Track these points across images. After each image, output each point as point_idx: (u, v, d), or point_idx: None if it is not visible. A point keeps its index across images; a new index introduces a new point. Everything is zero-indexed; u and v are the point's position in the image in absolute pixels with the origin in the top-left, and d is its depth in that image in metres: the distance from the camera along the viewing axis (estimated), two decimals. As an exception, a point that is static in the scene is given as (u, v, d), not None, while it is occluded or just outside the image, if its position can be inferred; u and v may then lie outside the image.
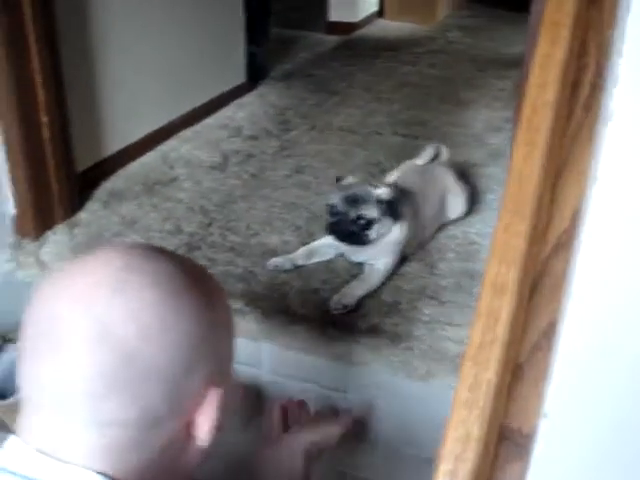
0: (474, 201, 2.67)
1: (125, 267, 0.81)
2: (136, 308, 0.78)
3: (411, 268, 2.28)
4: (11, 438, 0.82)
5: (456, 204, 2.53)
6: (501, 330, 0.85)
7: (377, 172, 2.86)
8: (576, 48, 0.94)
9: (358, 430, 1.50)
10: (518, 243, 0.87)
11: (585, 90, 0.93)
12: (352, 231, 2.15)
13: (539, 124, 0.87)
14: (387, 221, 2.17)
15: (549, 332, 0.89)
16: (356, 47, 4.99)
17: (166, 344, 0.79)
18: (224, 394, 0.87)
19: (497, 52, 4.78)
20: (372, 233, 2.15)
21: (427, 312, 2.08)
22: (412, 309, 2.09)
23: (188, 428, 0.86)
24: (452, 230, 2.49)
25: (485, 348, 0.85)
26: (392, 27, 5.51)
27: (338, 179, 2.28)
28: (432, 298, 2.13)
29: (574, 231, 0.91)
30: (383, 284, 2.19)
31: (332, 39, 5.10)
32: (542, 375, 0.88)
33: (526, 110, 0.89)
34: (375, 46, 4.97)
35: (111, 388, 0.77)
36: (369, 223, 2.14)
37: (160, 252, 0.88)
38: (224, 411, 0.87)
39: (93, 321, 0.77)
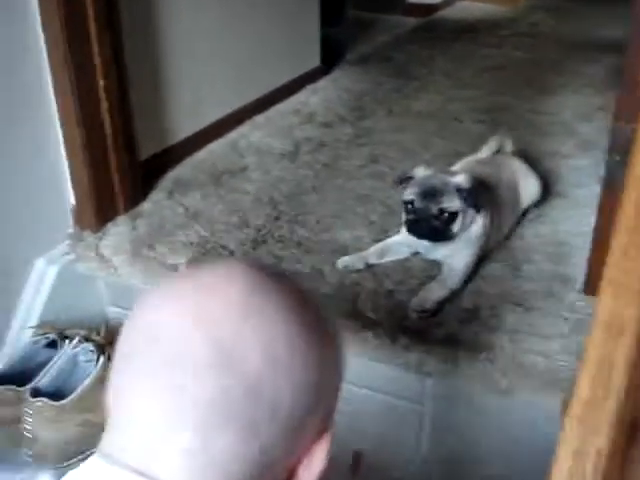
0: (559, 194, 2.47)
1: (255, 291, 0.74)
2: (267, 338, 0.71)
3: (493, 270, 2.10)
4: (94, 458, 0.74)
5: (529, 189, 2.34)
6: (617, 382, 0.68)
7: (456, 162, 2.67)
8: None
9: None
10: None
11: None
12: (434, 227, 1.98)
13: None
14: (470, 212, 1.99)
15: (674, 381, 0.71)
16: (436, 29, 4.78)
17: (295, 380, 0.72)
18: (330, 441, 0.78)
19: (586, 35, 4.51)
20: (456, 226, 1.98)
21: (511, 320, 1.90)
22: (494, 316, 1.91)
23: (291, 476, 0.77)
24: (539, 228, 2.29)
25: (596, 406, 0.68)
26: (473, 9, 5.27)
27: (402, 180, 2.08)
28: (517, 305, 1.95)
29: None
30: (462, 287, 2.01)
31: (411, 21, 4.90)
32: (665, 434, 0.71)
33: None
34: (455, 28, 4.76)
35: (230, 419, 0.69)
36: (453, 216, 1.96)
37: (283, 277, 0.81)
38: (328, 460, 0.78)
39: (218, 346, 0.70)
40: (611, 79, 3.52)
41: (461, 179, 1.98)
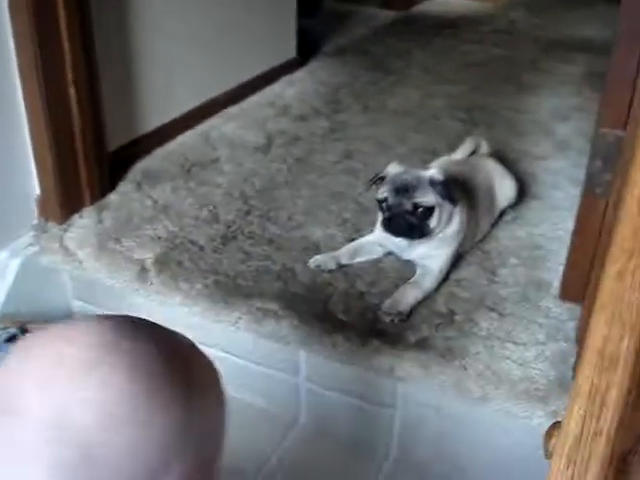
0: (535, 196, 2.44)
1: (101, 346, 0.69)
2: (103, 395, 0.66)
3: (468, 273, 2.05)
4: None
5: (505, 191, 2.30)
6: (609, 418, 0.63)
7: (431, 159, 2.62)
8: None
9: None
10: (637, 297, 0.65)
11: None
12: (410, 223, 1.92)
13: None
14: (447, 206, 1.94)
15: (666, 413, 0.67)
16: (414, 23, 4.72)
17: (135, 441, 0.66)
18: None
19: (565, 34, 4.47)
20: (432, 221, 1.93)
21: (485, 326, 1.86)
22: (468, 321, 1.87)
23: None
24: (515, 230, 2.25)
25: (585, 442, 0.63)
26: (453, 3, 5.22)
27: (374, 180, 2.03)
28: (492, 310, 1.91)
29: None
30: (436, 290, 1.97)
31: (389, 14, 4.84)
32: (654, 470, 0.67)
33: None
34: (434, 23, 4.71)
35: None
36: (428, 211, 1.91)
37: (146, 329, 0.75)
38: None
39: (50, 404, 0.65)
40: (587, 79, 3.49)
41: (434, 172, 1.94)
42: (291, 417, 1.99)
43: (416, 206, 1.91)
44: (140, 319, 0.77)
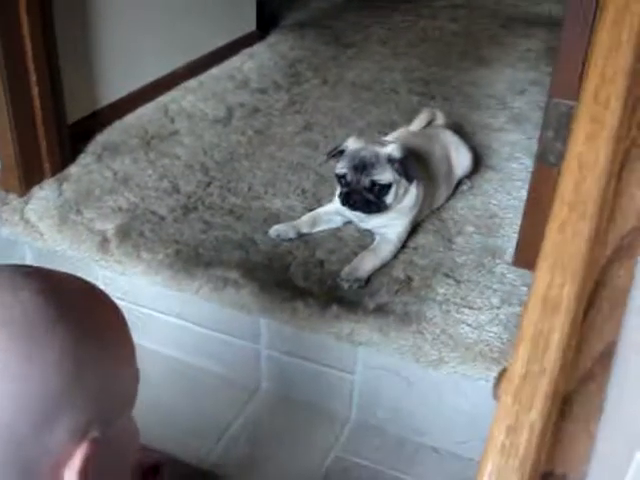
0: (491, 168, 2.49)
1: None
2: None
3: (426, 241, 2.10)
4: None
5: (461, 161, 2.34)
6: (551, 358, 0.67)
7: (389, 132, 2.66)
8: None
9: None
10: (578, 247, 0.69)
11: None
12: (367, 200, 1.97)
13: (608, 96, 0.69)
14: (403, 182, 1.98)
15: (605, 358, 0.71)
16: (373, -2, 4.75)
17: (9, 395, 0.64)
18: (105, 445, 0.70)
19: (523, 9, 4.51)
20: (389, 198, 1.97)
21: (442, 291, 1.90)
22: (425, 287, 1.92)
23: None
24: (471, 200, 2.30)
25: (530, 381, 0.67)
26: (412, -22, 5.25)
27: (333, 153, 2.06)
28: (448, 276, 1.96)
29: (641, 232, 0.72)
30: (395, 257, 2.01)
31: (348, -12, 4.86)
32: (594, 411, 0.71)
33: (592, 79, 0.70)
34: (393, -2, 4.73)
35: None
36: (385, 188, 1.96)
37: (31, 277, 0.72)
38: (107, 462, 0.72)
39: None
40: (545, 54, 3.55)
41: (392, 149, 1.97)
42: (252, 384, 2.03)
43: (374, 183, 1.95)
44: (34, 268, 0.75)
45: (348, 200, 1.99)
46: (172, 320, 2.05)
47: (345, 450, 1.87)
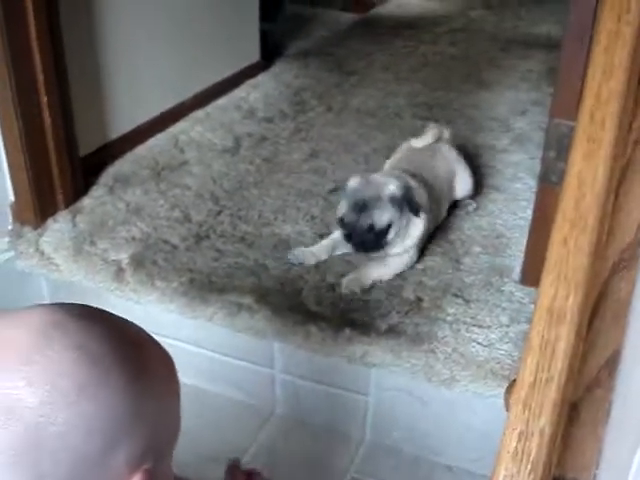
0: (496, 188, 2.52)
1: (49, 324, 0.70)
2: (52, 371, 0.67)
3: (434, 262, 2.13)
4: None
5: (462, 183, 2.38)
6: (558, 367, 0.71)
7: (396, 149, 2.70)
8: (644, 26, 0.78)
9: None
10: (580, 260, 0.73)
11: (654, 76, 0.78)
12: (367, 240, 2.01)
13: (604, 117, 0.72)
14: (404, 218, 2.01)
15: (610, 365, 0.75)
16: (375, 25, 4.81)
17: (83, 416, 0.68)
18: (152, 476, 0.74)
19: (522, 31, 4.58)
20: (389, 236, 2.01)
21: (452, 311, 1.94)
22: (435, 307, 1.95)
23: None
24: (477, 221, 2.34)
25: (539, 389, 0.71)
26: (412, 4, 5.31)
27: (334, 189, 2.09)
28: (457, 296, 1.99)
29: (640, 245, 0.76)
30: (405, 279, 2.05)
31: (349, 17, 4.92)
32: (601, 416, 0.74)
33: (588, 100, 0.74)
34: (394, 24, 4.79)
35: (13, 464, 0.65)
36: (385, 228, 1.99)
37: (96, 313, 0.78)
38: None
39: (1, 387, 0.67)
40: (545, 75, 3.59)
41: (394, 188, 1.98)
42: (268, 408, 2.05)
43: (371, 226, 1.98)
44: (92, 307, 0.79)
45: (349, 241, 2.03)
46: (187, 347, 2.08)
47: (361, 471, 1.89)
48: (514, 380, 0.80)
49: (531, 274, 1.97)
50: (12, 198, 2.26)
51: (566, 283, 0.73)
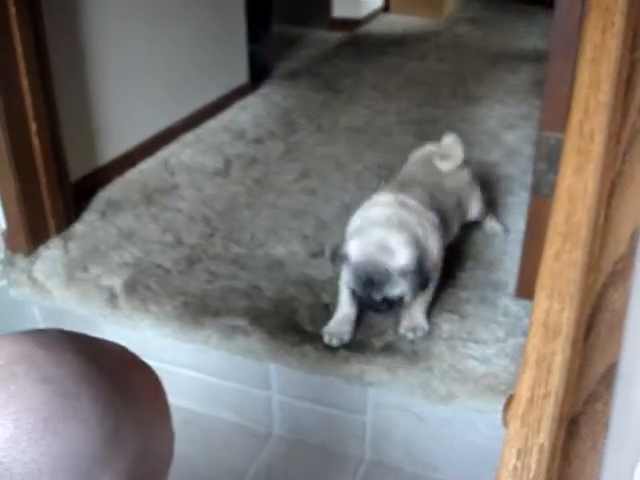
0: (492, 204, 2.52)
1: (13, 357, 0.67)
2: (16, 407, 0.64)
3: (428, 279, 2.13)
4: None
5: (475, 206, 2.29)
6: (555, 382, 0.70)
7: (386, 174, 2.70)
8: (629, 38, 0.79)
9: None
10: (573, 274, 0.72)
11: (640, 88, 0.78)
12: (382, 309, 1.85)
13: (592, 130, 0.72)
14: (416, 287, 1.79)
15: (608, 379, 0.74)
16: (361, 43, 4.83)
17: (50, 454, 0.64)
18: None
19: (509, 46, 4.62)
20: (406, 299, 1.85)
21: (447, 327, 1.93)
22: (431, 325, 1.94)
23: None
24: (471, 236, 2.33)
25: (536, 405, 0.70)
26: (398, 22, 5.35)
27: (334, 255, 1.93)
28: (452, 312, 1.99)
29: (633, 257, 0.76)
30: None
31: (336, 36, 4.95)
32: (600, 429, 0.74)
33: (576, 113, 0.74)
34: (381, 42, 4.82)
35: None
36: (398, 299, 1.83)
37: (70, 339, 0.73)
38: None
39: None
40: (533, 87, 3.61)
41: (403, 262, 1.74)
42: (265, 430, 2.04)
43: (385, 299, 1.80)
44: (67, 332, 0.75)
45: (365, 306, 1.91)
46: (182, 371, 2.07)
47: (361, 490, 1.88)
48: (511, 396, 0.80)
49: (526, 287, 1.96)
50: (3, 226, 2.25)
51: (560, 297, 0.72)
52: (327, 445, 1.98)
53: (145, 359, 0.79)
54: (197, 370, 2.05)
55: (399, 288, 1.76)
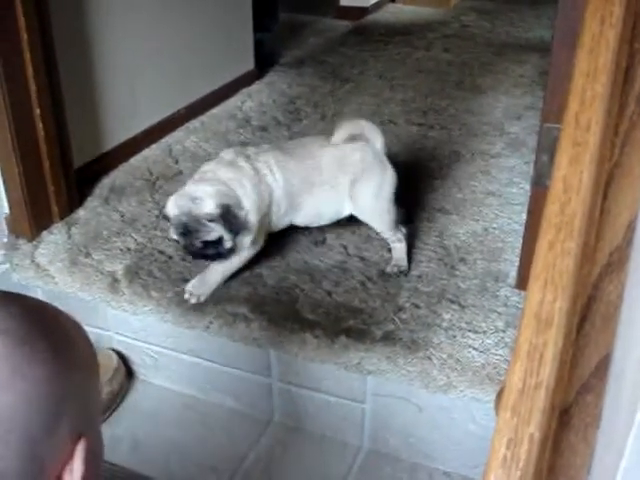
0: (491, 193, 2.52)
1: None
2: None
3: (429, 268, 2.13)
4: None
5: (360, 200, 2.12)
6: (546, 372, 0.70)
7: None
8: (628, 29, 0.79)
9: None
10: (566, 264, 0.73)
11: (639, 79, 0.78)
12: (208, 254, 1.96)
13: (589, 120, 0.72)
14: (231, 231, 1.91)
15: (601, 370, 0.74)
16: (368, 32, 4.81)
17: (23, 396, 0.68)
18: (91, 443, 0.76)
19: (515, 36, 4.60)
20: (227, 244, 1.92)
21: (447, 317, 1.93)
22: (431, 314, 1.95)
23: None
24: (473, 226, 2.33)
25: (527, 395, 0.70)
26: (405, 11, 5.33)
27: (162, 217, 2.07)
28: (452, 302, 1.99)
29: (628, 248, 0.76)
30: (400, 286, 2.04)
31: (343, 24, 4.93)
32: (592, 421, 0.74)
33: (572, 104, 0.74)
34: (387, 31, 4.80)
35: None
36: (217, 242, 1.92)
37: (10, 296, 0.78)
38: (94, 461, 0.76)
39: None
40: (539, 79, 3.60)
41: (208, 209, 1.88)
42: (265, 416, 2.05)
43: (205, 244, 1.91)
44: (4, 291, 0.79)
45: (195, 257, 2.01)
46: (183, 357, 2.08)
47: (359, 479, 1.89)
48: (504, 386, 0.80)
49: (527, 278, 1.95)
50: (7, 210, 2.26)
51: (553, 287, 0.73)
52: (326, 433, 1.99)
53: (146, 344, 0.82)
54: (198, 356, 2.06)
55: (214, 233, 1.89)
